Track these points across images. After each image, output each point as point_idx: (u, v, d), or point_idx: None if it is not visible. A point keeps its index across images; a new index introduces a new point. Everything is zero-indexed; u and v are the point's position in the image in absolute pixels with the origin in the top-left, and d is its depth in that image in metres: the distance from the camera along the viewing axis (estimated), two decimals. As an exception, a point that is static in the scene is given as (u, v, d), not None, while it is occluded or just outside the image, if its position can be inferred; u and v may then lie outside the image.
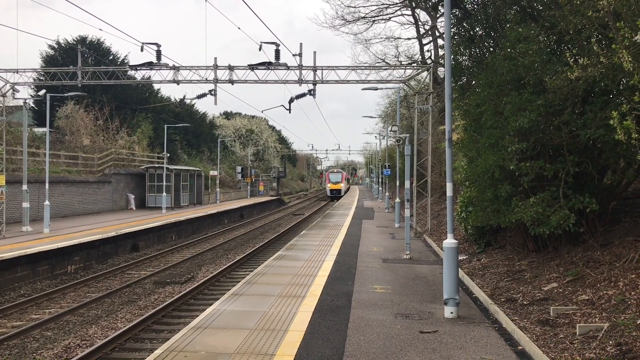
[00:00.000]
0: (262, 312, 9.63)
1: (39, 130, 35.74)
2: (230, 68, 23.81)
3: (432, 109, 24.62)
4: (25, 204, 23.20)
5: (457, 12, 14.75)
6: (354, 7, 34.81)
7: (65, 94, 26.26)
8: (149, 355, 7.58)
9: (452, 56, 13.55)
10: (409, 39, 49.24)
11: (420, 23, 35.50)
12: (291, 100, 25.74)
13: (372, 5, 34.64)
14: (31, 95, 35.02)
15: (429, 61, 32.07)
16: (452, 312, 9.52)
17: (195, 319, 9.28)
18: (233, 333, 8.39)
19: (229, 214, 41.34)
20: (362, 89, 25.59)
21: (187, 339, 8.06)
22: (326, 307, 10.10)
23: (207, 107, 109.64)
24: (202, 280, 16.73)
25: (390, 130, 32.64)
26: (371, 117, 54.16)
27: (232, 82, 23.90)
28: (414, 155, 24.26)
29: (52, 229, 22.67)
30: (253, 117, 78.80)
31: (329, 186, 74.73)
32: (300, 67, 23.28)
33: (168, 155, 39.25)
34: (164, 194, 36.33)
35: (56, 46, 45.33)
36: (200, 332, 8.45)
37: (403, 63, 34.48)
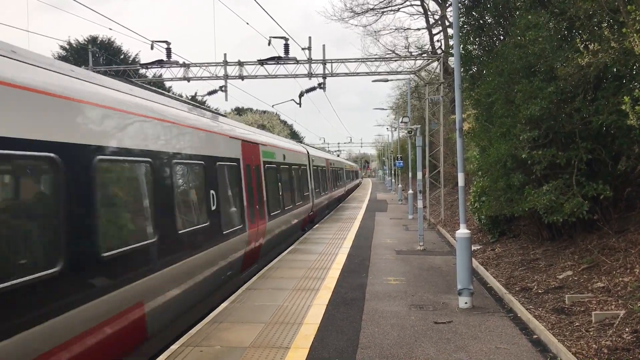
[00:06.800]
0: (276, 306, 9.69)
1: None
2: (240, 64, 23.88)
3: (443, 99, 24.48)
4: None
5: (465, 1, 14.63)
6: (363, -2, 34.57)
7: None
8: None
9: (461, 45, 13.50)
10: (418, 29, 48.99)
11: (429, 13, 35.24)
12: (301, 95, 25.77)
13: (380, -4, 34.38)
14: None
15: (439, 51, 31.81)
16: (466, 302, 9.51)
17: (210, 314, 9.36)
18: (248, 327, 8.46)
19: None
20: (372, 81, 25.55)
21: (203, 334, 8.15)
22: (340, 300, 10.13)
23: (219, 104, 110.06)
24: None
25: (401, 122, 32.52)
26: (382, 109, 54.40)
27: (242, 77, 23.99)
28: (425, 146, 24.13)
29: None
30: (264, 112, 78.97)
31: None
32: (309, 60, 23.28)
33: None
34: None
35: (68, 47, 45.73)
36: (216, 326, 8.53)
37: (413, 54, 34.24)
